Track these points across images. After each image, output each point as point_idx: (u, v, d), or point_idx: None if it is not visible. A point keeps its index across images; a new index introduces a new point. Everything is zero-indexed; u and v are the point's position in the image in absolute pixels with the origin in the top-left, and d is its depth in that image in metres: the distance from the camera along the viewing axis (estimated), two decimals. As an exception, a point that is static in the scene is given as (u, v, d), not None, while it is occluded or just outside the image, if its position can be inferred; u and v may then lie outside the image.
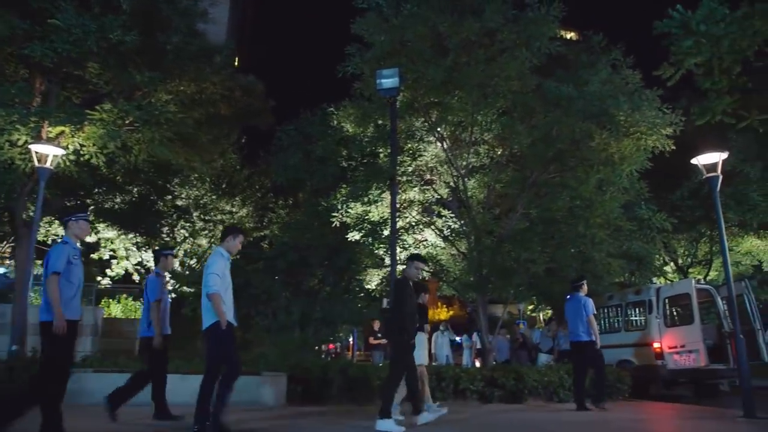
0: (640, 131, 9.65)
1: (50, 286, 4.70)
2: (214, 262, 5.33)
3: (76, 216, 5.12)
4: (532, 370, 9.72)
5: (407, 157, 12.10)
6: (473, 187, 13.13)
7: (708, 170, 8.54)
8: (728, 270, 8.32)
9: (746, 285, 11.49)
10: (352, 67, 11.65)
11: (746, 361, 7.88)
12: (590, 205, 9.80)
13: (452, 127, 13.03)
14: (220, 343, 5.22)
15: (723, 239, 8.42)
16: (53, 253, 4.83)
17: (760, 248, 19.99)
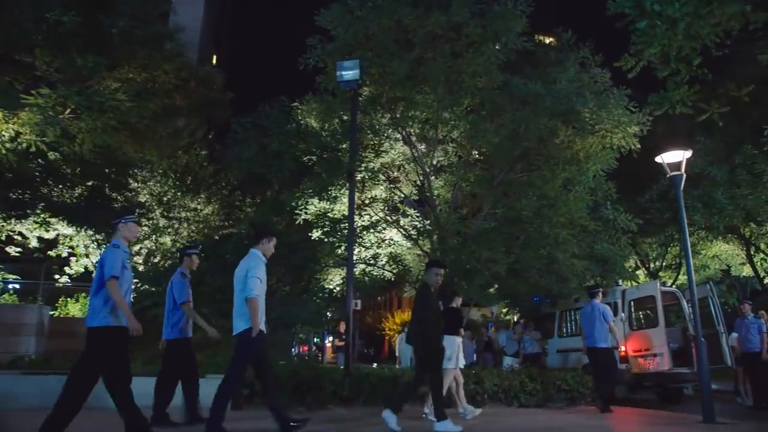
0: (606, 129, 9.42)
1: (113, 291, 4.56)
2: (254, 265, 5.19)
3: (125, 218, 5.02)
4: (491, 373, 9.40)
5: (370, 152, 11.74)
6: (439, 186, 12.87)
7: (672, 168, 8.30)
8: (690, 272, 8.10)
9: (711, 288, 11.32)
10: (313, 59, 11.28)
11: (707, 365, 7.65)
12: (554, 204, 9.54)
13: (420, 125, 12.78)
14: (247, 350, 5.12)
15: (686, 240, 8.20)
16: (108, 257, 4.70)
17: (728, 252, 20.09)
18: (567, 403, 9.69)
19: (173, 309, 6.17)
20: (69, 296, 18.42)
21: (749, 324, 10.26)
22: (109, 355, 4.58)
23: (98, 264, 4.77)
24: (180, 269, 6.40)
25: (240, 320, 5.15)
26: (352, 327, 18.19)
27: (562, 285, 10.29)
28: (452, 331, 7.62)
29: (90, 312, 4.64)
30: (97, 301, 4.63)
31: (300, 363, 9.42)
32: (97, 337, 4.54)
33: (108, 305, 4.58)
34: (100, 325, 4.54)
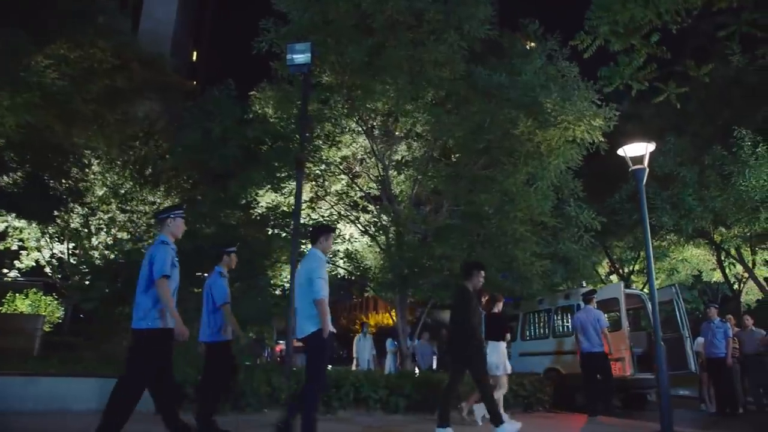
0: (568, 121, 8.94)
1: (163, 291, 4.37)
2: (317, 266, 5.06)
3: (174, 213, 4.83)
4: (442, 377, 8.84)
5: (326, 143, 11.18)
6: (401, 181, 12.36)
7: (635, 162, 7.83)
8: (651, 272, 7.63)
9: (676, 291, 10.95)
10: (266, 44, 10.67)
11: (666, 370, 7.19)
12: (513, 199, 9.05)
13: (383, 118, 12.28)
14: (322, 351, 4.99)
15: (647, 238, 7.72)
16: (158, 255, 4.49)
17: (699, 258, 19.86)
18: (524, 409, 9.21)
19: (214, 311, 5.85)
20: (17, 291, 17.56)
21: (715, 329, 9.88)
22: (155, 358, 4.42)
23: (146, 262, 4.53)
24: (217, 268, 6.06)
25: (308, 322, 4.97)
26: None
27: (524, 285, 9.79)
28: (497, 337, 7.53)
29: (137, 313, 4.45)
30: (145, 302, 4.44)
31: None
32: (144, 339, 4.40)
33: (157, 307, 4.41)
34: (149, 328, 4.38)
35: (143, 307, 4.42)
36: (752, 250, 18.17)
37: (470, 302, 6.23)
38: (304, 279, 5.09)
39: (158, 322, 4.40)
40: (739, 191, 12.70)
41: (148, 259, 4.54)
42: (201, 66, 51.14)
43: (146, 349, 4.41)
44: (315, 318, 4.91)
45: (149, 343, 4.40)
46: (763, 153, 12.48)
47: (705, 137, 14.22)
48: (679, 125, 15.18)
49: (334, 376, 8.26)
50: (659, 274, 20.43)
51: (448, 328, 7.04)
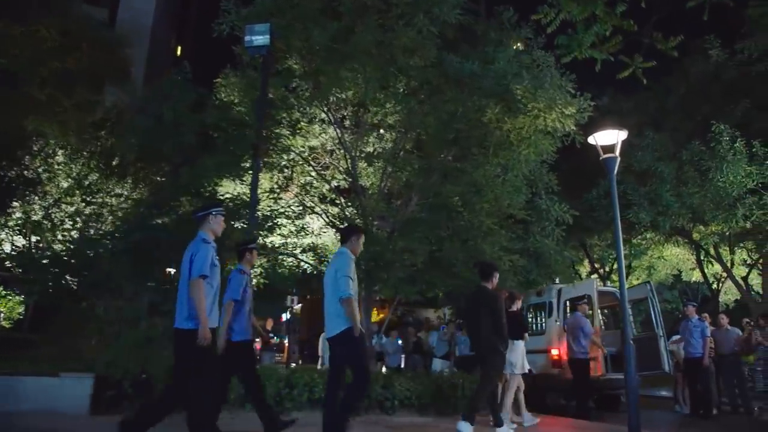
0: (539, 108, 8.52)
1: (196, 292, 4.29)
2: (344, 264, 5.02)
3: (215, 210, 4.77)
4: (403, 377, 8.42)
5: (289, 130, 10.69)
6: (370, 173, 11.93)
7: (605, 151, 7.43)
8: (621, 267, 7.23)
9: (651, 288, 10.58)
10: (227, 26, 10.15)
11: (634, 371, 6.82)
12: (480, 190, 8.62)
13: (353, 108, 11.85)
14: (354, 349, 4.98)
15: (617, 230, 7.31)
16: (198, 254, 4.42)
17: (679, 257, 19.66)
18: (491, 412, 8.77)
19: (240, 310, 5.71)
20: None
21: (692, 328, 9.54)
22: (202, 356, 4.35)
23: (186, 260, 4.46)
24: (239, 266, 5.89)
25: (338, 320, 4.94)
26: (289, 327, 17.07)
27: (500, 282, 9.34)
28: (517, 336, 7.46)
29: (182, 312, 4.38)
30: (187, 302, 4.36)
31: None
32: (187, 339, 4.29)
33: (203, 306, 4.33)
34: (192, 328, 4.29)
35: (185, 307, 4.34)
36: (731, 250, 18.01)
37: (498, 302, 6.33)
38: (331, 278, 5.06)
39: (195, 322, 4.30)
40: (716, 187, 12.42)
41: (188, 257, 4.45)
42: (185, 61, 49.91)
43: (192, 348, 4.28)
44: (344, 317, 4.88)
45: (190, 344, 4.28)
46: (741, 148, 12.20)
47: (684, 132, 13.92)
48: (657, 120, 14.90)
49: (287, 374, 7.78)
50: (638, 272, 20.25)
51: (470, 328, 6.97)
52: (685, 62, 14.94)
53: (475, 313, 6.38)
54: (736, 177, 12.20)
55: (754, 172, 12.32)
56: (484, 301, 6.34)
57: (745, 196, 12.56)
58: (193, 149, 8.81)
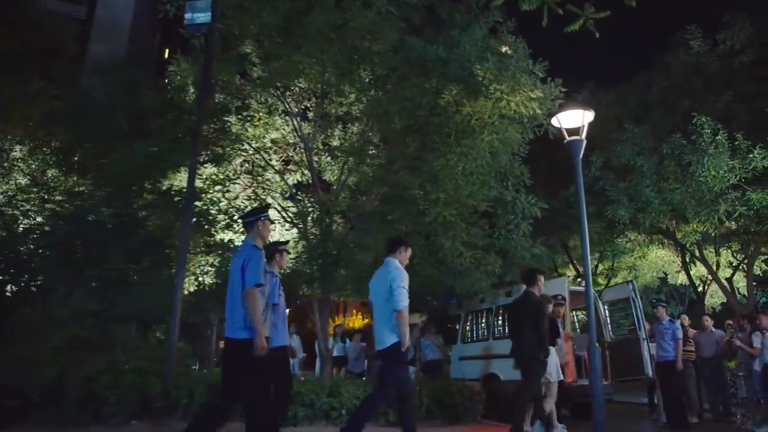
0: (502, 91, 7.84)
1: (251, 301, 4.23)
2: (398, 275, 4.99)
3: (264, 215, 4.70)
4: (353, 384, 7.70)
5: (242, 119, 10.00)
6: (334, 168, 11.29)
7: (570, 133, 6.76)
8: (587, 261, 6.53)
9: (633, 288, 9.94)
10: (172, 6, 9.44)
11: (599, 378, 6.15)
12: (436, 179, 7.95)
13: (317, 99, 11.19)
14: (399, 364, 4.99)
15: (583, 221, 6.63)
16: (251, 261, 4.32)
17: (664, 258, 19.11)
18: (447, 421, 8.07)
19: (275, 311, 5.45)
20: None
21: (663, 330, 8.86)
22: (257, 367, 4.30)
23: (236, 267, 4.39)
24: (269, 268, 5.32)
25: (388, 333, 4.87)
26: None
27: (457, 281, 8.66)
28: (552, 342, 7.21)
29: (234, 321, 4.31)
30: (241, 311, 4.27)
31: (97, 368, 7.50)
32: (243, 350, 4.22)
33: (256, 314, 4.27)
34: (246, 338, 4.22)
35: (240, 316, 4.25)
36: (716, 251, 17.46)
37: (541, 308, 6.26)
38: (382, 289, 5.00)
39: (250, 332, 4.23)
40: (698, 183, 11.82)
41: (238, 264, 4.35)
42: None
43: (250, 360, 4.20)
44: (395, 329, 4.83)
45: (245, 354, 4.20)
46: (723, 141, 11.60)
47: (665, 126, 13.33)
48: (638, 114, 14.31)
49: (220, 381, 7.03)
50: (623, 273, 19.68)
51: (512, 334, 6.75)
52: (667, 55, 14.40)
53: (517, 319, 6.28)
54: (718, 171, 11.61)
55: (737, 167, 11.73)
56: (528, 308, 6.27)
57: (727, 191, 11.98)
58: (127, 135, 8.07)
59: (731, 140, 11.78)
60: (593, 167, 13.44)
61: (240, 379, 4.29)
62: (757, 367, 8.69)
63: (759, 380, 8.63)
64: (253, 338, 4.22)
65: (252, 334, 4.23)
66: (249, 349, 4.20)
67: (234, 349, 4.32)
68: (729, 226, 15.10)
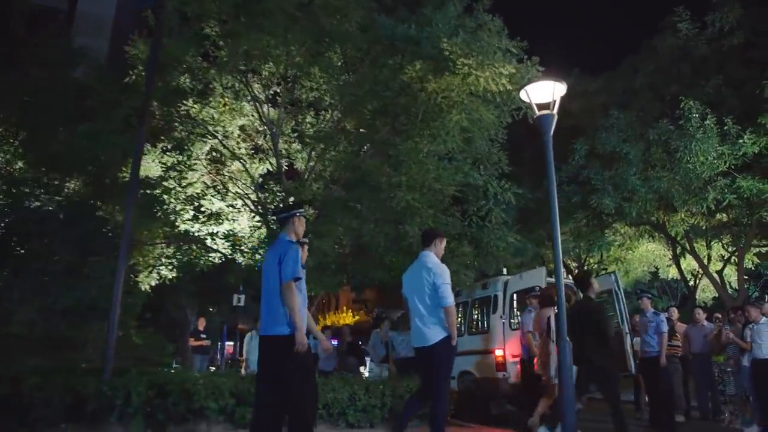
0: (470, 66, 7.25)
1: (290, 296, 4.10)
2: (439, 272, 4.88)
3: (299, 212, 4.61)
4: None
5: (197, 103, 9.43)
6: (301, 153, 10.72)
7: (540, 108, 6.17)
8: (557, 248, 5.94)
9: (616, 279, 9.32)
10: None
11: (570, 376, 5.59)
12: (401, 162, 7.38)
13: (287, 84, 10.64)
14: (450, 360, 4.93)
15: (554, 203, 6.05)
16: (288, 254, 4.22)
17: (655, 252, 18.63)
18: (416, 422, 7.50)
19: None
20: None
21: (647, 323, 8.32)
22: (299, 363, 4.16)
23: (273, 262, 4.26)
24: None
25: (434, 329, 4.79)
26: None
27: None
28: None
29: (271, 318, 4.20)
30: (279, 306, 4.16)
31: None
32: (281, 346, 4.11)
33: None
34: (286, 334, 4.10)
35: (278, 312, 4.13)
36: (707, 244, 16.97)
37: (603, 313, 6.17)
38: (420, 284, 4.88)
39: (290, 327, 4.08)
40: (685, 170, 11.26)
41: (274, 258, 4.25)
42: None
43: (292, 356, 4.07)
44: (442, 324, 4.77)
45: (287, 350, 4.07)
46: (712, 126, 11.05)
47: (652, 112, 12.78)
48: (625, 101, 13.75)
49: (162, 380, 6.45)
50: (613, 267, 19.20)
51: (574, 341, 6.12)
52: (654, 39, 13.84)
53: (579, 327, 5.93)
54: (707, 158, 11.06)
55: (726, 153, 11.18)
56: (588, 314, 6.07)
57: (716, 178, 11.43)
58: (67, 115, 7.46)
59: (720, 125, 11.25)
60: (577, 155, 12.88)
61: (285, 378, 4.12)
62: (745, 363, 8.17)
63: (748, 376, 8.12)
64: (293, 334, 4.08)
65: (292, 330, 4.10)
66: (290, 345, 4.06)
67: (273, 347, 4.17)
68: (720, 218, 14.62)
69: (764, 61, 11.44)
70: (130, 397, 6.20)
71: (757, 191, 11.08)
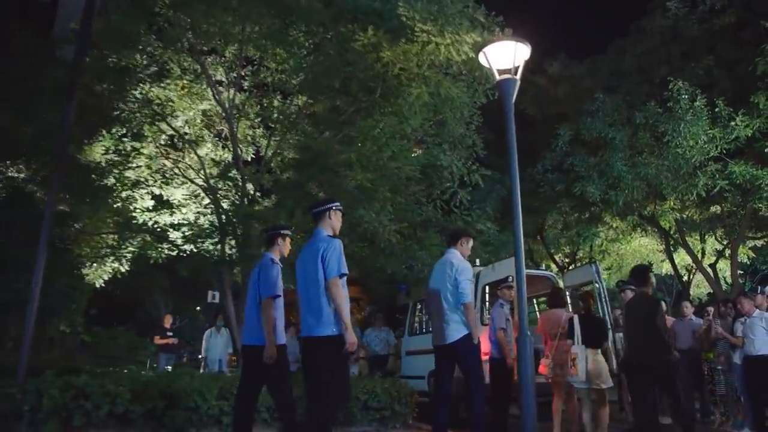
0: (429, 32, 6.56)
1: (338, 293, 3.98)
2: (464, 268, 4.95)
3: (335, 206, 4.47)
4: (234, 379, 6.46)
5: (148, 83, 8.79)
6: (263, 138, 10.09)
7: (501, 72, 5.47)
8: (519, 233, 5.24)
9: (596, 270, 8.65)
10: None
11: (530, 373, 4.94)
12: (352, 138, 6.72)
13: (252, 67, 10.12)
14: (477, 358, 4.95)
15: (515, 183, 5.36)
16: (331, 250, 4.06)
17: (648, 247, 18.01)
18: (376, 428, 6.86)
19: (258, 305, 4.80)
20: None
21: (627, 317, 7.62)
22: (341, 364, 4.11)
23: (313, 259, 4.09)
24: (269, 254, 4.90)
25: (455, 326, 4.83)
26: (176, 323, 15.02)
27: (387, 262, 7.41)
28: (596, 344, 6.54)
29: (315, 318, 4.00)
30: (324, 305, 3.98)
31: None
32: (325, 348, 3.97)
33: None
34: (334, 335, 3.95)
35: (324, 311, 3.98)
36: (701, 238, 16.34)
37: (661, 310, 5.89)
38: (452, 283, 4.87)
39: (339, 327, 3.98)
40: (674, 155, 10.57)
41: (315, 255, 4.08)
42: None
43: (329, 358, 3.97)
44: (462, 322, 4.80)
45: (332, 351, 3.96)
46: (702, 107, 10.36)
47: (640, 96, 12.10)
48: (612, 85, 13.07)
49: (82, 382, 5.76)
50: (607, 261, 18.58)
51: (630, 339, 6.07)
52: (643, 20, 13.17)
53: (636, 323, 5.75)
54: (697, 141, 10.37)
55: (718, 136, 10.50)
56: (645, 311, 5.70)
57: (707, 163, 10.75)
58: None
59: (711, 107, 10.57)
60: (561, 141, 12.20)
61: (323, 377, 3.98)
62: (737, 360, 7.50)
63: (739, 375, 7.45)
64: (341, 334, 3.96)
65: (339, 329, 3.98)
66: (338, 346, 3.93)
67: (319, 348, 3.98)
68: (715, 211, 13.99)
69: (757, 40, 10.76)
70: (41, 400, 5.55)
71: (750, 177, 10.39)
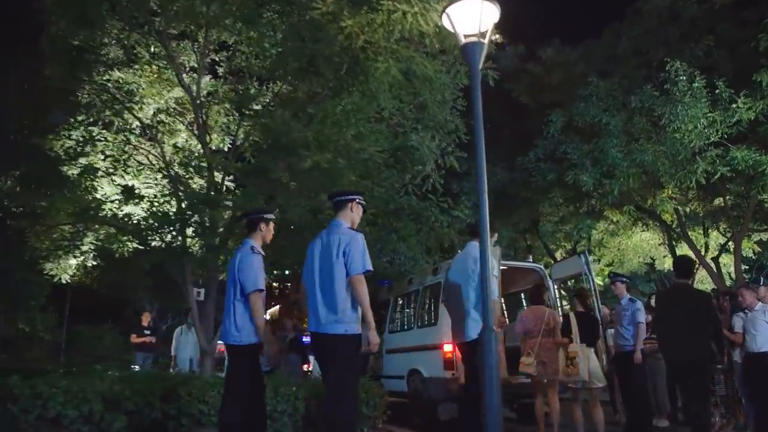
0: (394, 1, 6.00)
1: (362, 290, 3.79)
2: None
3: (359, 198, 4.22)
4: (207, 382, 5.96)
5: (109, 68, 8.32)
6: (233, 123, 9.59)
7: (467, 36, 4.86)
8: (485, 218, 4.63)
9: (586, 261, 8.06)
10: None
11: (495, 373, 4.35)
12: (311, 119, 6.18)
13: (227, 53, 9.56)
14: None
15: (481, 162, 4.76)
16: (355, 246, 3.85)
17: (650, 242, 17.43)
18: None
19: (236, 302, 4.45)
20: None
21: (621, 311, 7.04)
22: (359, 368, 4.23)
23: (334, 253, 3.85)
24: (250, 242, 4.50)
25: (473, 324, 4.58)
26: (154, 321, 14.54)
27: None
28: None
29: (332, 314, 3.81)
30: (343, 302, 3.79)
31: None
32: (340, 347, 3.79)
33: (356, 308, 3.82)
34: (347, 333, 3.79)
35: (340, 308, 3.77)
36: (705, 232, 15.73)
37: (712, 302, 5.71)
38: (468, 275, 4.78)
39: (355, 325, 3.81)
40: (672, 140, 9.96)
41: (337, 251, 3.85)
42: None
43: (349, 358, 3.80)
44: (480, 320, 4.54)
45: (349, 351, 3.78)
46: (701, 88, 9.74)
47: (636, 80, 11.49)
48: (607, 69, 12.47)
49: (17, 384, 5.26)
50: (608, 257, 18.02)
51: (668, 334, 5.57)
52: (640, 1, 12.55)
53: (678, 317, 5.24)
54: (696, 125, 9.75)
55: (718, 120, 9.88)
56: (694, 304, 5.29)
57: (707, 149, 10.13)
58: None
59: (711, 89, 9.96)
60: (552, 128, 11.60)
61: (347, 379, 3.81)
62: (737, 358, 6.89)
63: (740, 374, 6.85)
64: (359, 333, 3.80)
65: (357, 328, 3.83)
66: (356, 345, 3.78)
67: (336, 347, 3.78)
68: (718, 203, 13.39)
69: (759, 20, 10.14)
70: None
71: (753, 163, 9.76)
